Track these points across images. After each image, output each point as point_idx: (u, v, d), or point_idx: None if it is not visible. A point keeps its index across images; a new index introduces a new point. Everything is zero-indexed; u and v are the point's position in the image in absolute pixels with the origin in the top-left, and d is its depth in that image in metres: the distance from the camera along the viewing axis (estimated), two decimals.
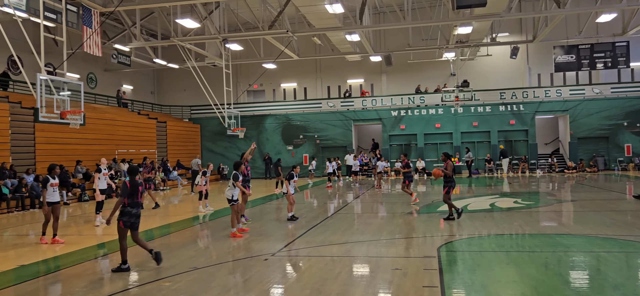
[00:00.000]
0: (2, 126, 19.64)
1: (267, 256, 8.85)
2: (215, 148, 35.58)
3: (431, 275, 7.19)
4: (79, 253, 9.69)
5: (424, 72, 34.42)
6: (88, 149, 23.79)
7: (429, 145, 32.77)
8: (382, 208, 15.96)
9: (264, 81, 36.13)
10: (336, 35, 26.50)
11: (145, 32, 28.32)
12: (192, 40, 25.32)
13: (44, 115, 12.99)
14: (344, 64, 34.91)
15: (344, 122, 33.85)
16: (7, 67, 25.05)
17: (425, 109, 32.93)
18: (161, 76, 38.87)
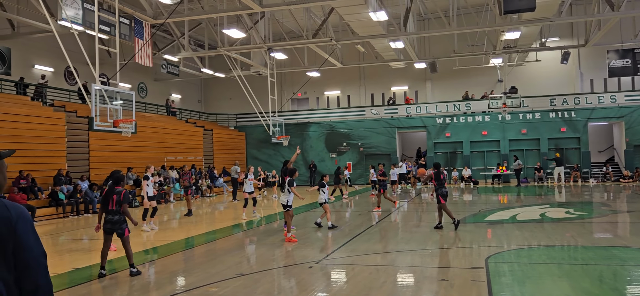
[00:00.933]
0: (59, 134, 20.56)
1: (311, 264, 8.87)
2: (260, 155, 36.04)
3: (479, 287, 7.01)
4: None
5: (470, 79, 33.80)
6: (138, 156, 24.58)
7: (475, 153, 32.10)
8: (427, 217, 15.72)
9: (308, 89, 36.39)
10: (380, 43, 26.42)
11: (193, 42, 29.10)
12: (238, 50, 25.81)
13: (98, 123, 13.51)
14: (387, 71, 34.74)
15: (388, 129, 33.63)
16: (64, 78, 26.25)
17: (472, 116, 32.29)
18: (208, 85, 39.78)
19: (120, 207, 8.32)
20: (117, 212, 8.31)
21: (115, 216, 8.32)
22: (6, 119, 18.27)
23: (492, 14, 24.79)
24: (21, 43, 23.27)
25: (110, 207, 8.31)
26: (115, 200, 8.31)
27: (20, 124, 18.71)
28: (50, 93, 23.39)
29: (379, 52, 29.11)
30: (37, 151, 19.23)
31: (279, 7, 20.54)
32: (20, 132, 18.58)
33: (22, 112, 19.34)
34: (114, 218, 8.32)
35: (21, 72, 23.28)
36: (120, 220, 8.34)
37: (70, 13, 16.26)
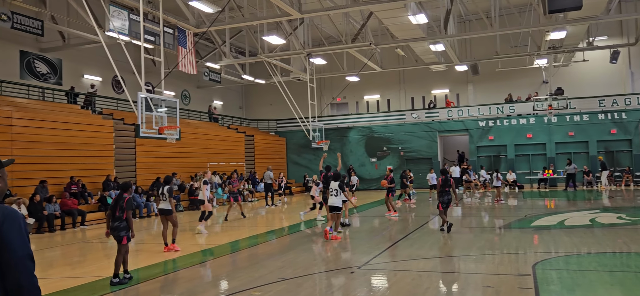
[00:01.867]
0: (108, 141, 21.29)
1: (353, 269, 8.84)
2: (300, 160, 36.24)
3: (526, 294, 6.83)
4: (174, 262, 10.21)
5: (513, 81, 32.98)
6: (182, 162, 25.16)
7: (520, 157, 31.28)
8: (472, 222, 15.42)
9: (347, 94, 36.36)
10: (420, 46, 26.15)
11: (234, 50, 29.59)
12: (277, 56, 26.09)
13: (144, 130, 13.90)
14: (428, 74, 34.32)
15: (429, 133, 33.21)
16: (112, 87, 27.18)
17: (516, 119, 31.50)
18: (249, 91, 40.35)
19: (123, 213, 8.45)
20: (120, 218, 8.45)
21: (115, 222, 8.46)
22: (58, 127, 19.06)
23: (536, 14, 24.13)
24: (71, 54, 24.24)
25: (117, 213, 8.48)
26: (119, 206, 8.47)
27: (71, 132, 19.48)
28: (99, 101, 24.27)
29: (418, 55, 28.81)
30: (87, 158, 19.95)
31: (318, 12, 20.64)
32: (71, 139, 19.34)
33: (72, 120, 20.13)
34: (114, 225, 8.47)
35: (72, 81, 24.25)
36: (120, 227, 8.44)
37: (117, 24, 16.82)
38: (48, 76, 23.05)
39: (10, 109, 17.95)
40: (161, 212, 11.75)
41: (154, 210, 20.52)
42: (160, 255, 11.07)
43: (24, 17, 18.10)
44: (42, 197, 16.29)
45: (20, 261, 2.37)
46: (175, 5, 19.85)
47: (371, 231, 14.10)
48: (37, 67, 22.57)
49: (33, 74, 22.23)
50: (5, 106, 18.26)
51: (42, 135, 18.24)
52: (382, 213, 18.53)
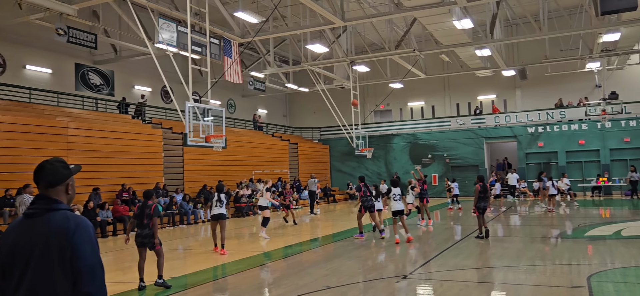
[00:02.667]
0: (157, 150, 21.93)
1: (398, 278, 8.74)
2: (343, 168, 36.20)
3: None
4: (221, 268, 10.37)
5: (564, 85, 31.89)
6: (228, 170, 25.61)
7: (571, 164, 30.15)
8: (521, 231, 14.97)
9: (391, 101, 36.09)
10: (465, 51, 25.71)
11: (278, 59, 29.95)
12: (321, 64, 26.22)
13: (192, 139, 14.23)
14: (473, 80, 33.64)
15: (475, 139, 32.52)
16: (160, 97, 28.02)
17: (567, 125, 30.41)
18: (292, 99, 40.71)
19: (150, 220, 8.52)
20: (147, 225, 8.53)
21: (144, 230, 8.54)
22: (111, 136, 19.79)
23: (588, 16, 23.26)
24: (123, 66, 25.17)
25: (144, 221, 8.55)
26: (146, 214, 8.53)
27: (122, 141, 20.20)
28: (149, 111, 25.06)
29: (464, 61, 28.32)
30: (137, 166, 20.61)
31: (361, 20, 20.64)
32: (123, 148, 20.04)
33: (124, 129, 20.87)
34: (144, 232, 8.54)
35: (123, 92, 25.16)
36: (151, 234, 8.53)
37: (165, 36, 17.35)
38: (101, 87, 24.01)
39: (66, 119, 18.78)
40: (217, 217, 12.14)
41: (201, 217, 20.95)
42: (206, 261, 11.27)
43: (78, 31, 18.92)
44: (95, 203, 16.93)
45: (90, 270, 2.45)
46: (221, 17, 20.29)
47: (416, 240, 13.90)
48: (91, 79, 23.55)
49: (87, 85, 23.21)
50: (61, 117, 19.12)
51: (96, 144, 18.98)
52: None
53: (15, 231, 2.51)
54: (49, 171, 2.57)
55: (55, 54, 21.99)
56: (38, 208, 2.52)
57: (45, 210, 2.50)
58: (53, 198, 2.54)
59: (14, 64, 20.71)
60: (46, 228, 2.44)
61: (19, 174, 15.68)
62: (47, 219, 2.47)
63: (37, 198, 2.55)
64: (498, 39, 23.63)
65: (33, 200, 2.56)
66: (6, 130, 16.29)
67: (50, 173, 2.57)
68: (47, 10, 15.84)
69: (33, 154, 16.84)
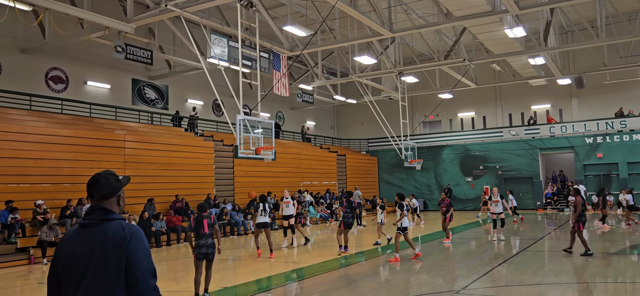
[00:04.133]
0: (208, 162, 22.46)
1: (451, 293, 8.54)
2: (392, 179, 35.85)
3: None
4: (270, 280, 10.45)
5: (624, 93, 30.42)
6: (277, 181, 25.86)
7: (633, 176, 28.65)
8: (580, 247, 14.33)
9: (440, 111, 35.52)
10: (517, 60, 25.04)
11: (326, 71, 30.16)
12: (368, 76, 26.18)
13: (242, 151, 14.50)
14: (526, 89, 32.65)
15: (529, 150, 31.49)
16: (212, 110, 28.73)
17: (629, 135, 28.98)
18: (340, 111, 40.78)
19: (212, 229, 8.46)
20: (210, 235, 8.40)
21: (208, 240, 8.36)
22: (165, 148, 20.43)
23: None
24: (176, 80, 26.00)
25: (204, 230, 8.38)
26: (207, 224, 8.41)
27: (176, 153, 20.81)
28: (201, 124, 25.73)
29: (516, 70, 27.58)
30: (189, 177, 21.16)
31: (409, 31, 20.49)
32: (176, 160, 20.63)
33: (177, 142, 21.50)
34: (208, 242, 8.34)
35: (176, 106, 25.96)
36: (213, 244, 8.41)
37: (217, 51, 17.81)
38: (156, 101, 24.87)
39: (123, 133, 19.55)
40: (261, 225, 12.85)
41: (251, 228, 21.26)
42: (256, 272, 11.40)
43: (135, 48, 19.71)
44: (150, 214, 17.47)
45: (143, 276, 2.59)
46: (270, 31, 20.65)
47: (468, 254, 13.57)
48: (147, 93, 24.43)
49: (143, 99, 24.10)
50: (119, 130, 19.92)
51: (150, 156, 19.64)
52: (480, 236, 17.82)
53: (73, 240, 2.65)
54: (103, 184, 2.73)
55: (114, 71, 22.98)
56: (94, 218, 2.66)
57: (100, 220, 2.64)
58: (108, 208, 2.69)
59: (75, 80, 21.78)
60: (103, 237, 2.59)
61: (79, 185, 16.41)
62: (104, 228, 2.61)
63: (92, 208, 2.69)
64: (552, 46, 22.90)
65: (88, 211, 2.71)
66: (68, 142, 17.12)
67: (104, 186, 2.73)
68: (107, 29, 16.60)
69: (93, 166, 17.59)
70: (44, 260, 13.76)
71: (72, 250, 2.61)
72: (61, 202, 15.89)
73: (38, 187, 15.96)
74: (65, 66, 21.34)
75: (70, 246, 2.63)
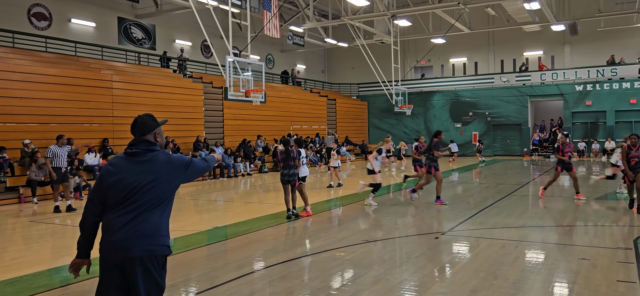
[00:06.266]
0: (197, 104, 22.26)
1: (437, 234, 8.70)
2: (381, 125, 35.93)
3: (627, 269, 6.37)
4: (259, 221, 10.58)
5: (617, 41, 30.33)
6: (266, 125, 25.82)
7: (620, 124, 28.95)
8: (563, 192, 14.60)
9: (432, 57, 35.26)
10: (512, 5, 24.69)
11: (317, 13, 29.56)
12: (361, 18, 25.73)
13: (232, 93, 14.36)
14: (520, 35, 32.40)
15: (519, 98, 31.57)
16: (201, 51, 28.24)
17: (618, 83, 29.08)
18: (331, 55, 40.33)
19: (295, 161, 10.23)
20: (293, 166, 10.22)
21: (290, 170, 10.21)
22: (153, 90, 20.18)
23: None
24: (163, 20, 25.39)
25: (289, 162, 10.20)
26: (291, 157, 10.21)
27: (164, 94, 20.56)
28: (189, 65, 25.34)
29: (511, 15, 27.24)
30: (179, 119, 21.01)
31: None
32: (165, 101, 20.42)
33: (166, 83, 21.21)
34: (290, 172, 10.21)
35: (164, 46, 25.46)
36: (295, 173, 10.26)
37: None
38: (143, 41, 24.34)
39: (110, 73, 19.22)
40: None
41: (241, 170, 21.34)
42: (247, 213, 11.51)
43: None
44: None
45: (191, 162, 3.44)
46: None
47: (455, 198, 13.77)
48: (133, 33, 23.88)
49: (129, 39, 23.57)
50: (106, 70, 19.57)
51: (139, 98, 19.40)
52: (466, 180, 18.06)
53: (120, 166, 3.23)
54: (139, 123, 3.37)
55: (99, 8, 22.35)
56: (140, 148, 3.28)
57: (145, 150, 3.27)
58: (150, 141, 3.33)
59: (59, 17, 21.19)
60: (152, 162, 3.23)
61: (67, 126, 16.24)
62: (151, 156, 3.25)
63: (135, 141, 3.31)
64: None
65: (134, 142, 3.31)
66: (55, 82, 16.81)
67: (141, 125, 3.36)
68: None
69: (80, 106, 17.39)
70: (35, 199, 13.78)
71: (121, 175, 3.17)
72: (49, 141, 15.73)
73: (25, 126, 15.78)
74: (48, 2, 20.71)
75: (119, 171, 3.19)
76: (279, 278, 6.31)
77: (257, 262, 7.27)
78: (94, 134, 17.62)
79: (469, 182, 18.29)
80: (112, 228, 3.10)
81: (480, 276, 6.17)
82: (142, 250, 3.08)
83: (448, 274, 6.41)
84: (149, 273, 3.11)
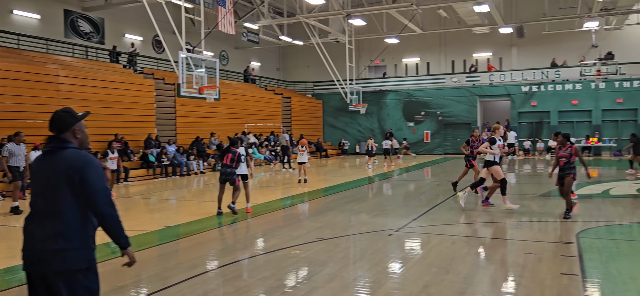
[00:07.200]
0: (149, 100, 21.70)
1: (391, 231, 8.83)
2: (336, 123, 36.16)
3: (570, 262, 6.66)
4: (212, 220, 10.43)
5: (560, 44, 31.67)
6: (220, 122, 25.47)
7: (563, 124, 30.27)
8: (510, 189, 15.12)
9: (386, 56, 35.74)
10: (463, 7, 25.35)
11: (272, 10, 29.39)
12: (316, 17, 25.78)
13: (185, 90, 14.09)
14: (470, 37, 33.32)
15: (469, 97, 32.47)
16: (152, 46, 27.54)
17: (561, 84, 30.38)
18: (286, 53, 40.21)
19: (233, 162, 10.23)
20: (230, 166, 10.24)
21: (227, 169, 10.24)
22: (102, 85, 19.51)
23: None
24: (113, 13, 24.59)
25: (225, 161, 10.27)
26: (230, 158, 10.22)
27: (114, 90, 19.93)
28: (140, 61, 24.65)
29: (461, 17, 27.97)
30: (129, 116, 20.43)
31: None
32: (114, 97, 19.79)
33: (115, 79, 20.56)
34: (227, 171, 10.23)
35: (113, 41, 24.68)
36: (233, 172, 10.27)
37: None
38: (91, 35, 23.54)
39: (56, 67, 18.45)
40: None
41: (194, 169, 20.96)
42: (201, 212, 11.32)
43: None
44: None
45: (98, 193, 3.11)
46: None
47: (407, 196, 14.02)
48: (81, 26, 23.05)
49: (76, 33, 22.73)
50: (51, 64, 18.78)
51: (87, 93, 18.71)
52: (418, 178, 18.43)
53: (38, 162, 3.25)
54: (56, 120, 3.25)
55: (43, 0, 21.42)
56: (52, 146, 3.21)
57: (57, 148, 3.18)
58: (63, 138, 3.21)
59: (0, 8, 20.18)
60: (60, 159, 3.13)
61: (9, 122, 15.50)
62: (61, 154, 3.15)
63: (50, 139, 3.23)
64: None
65: (48, 140, 3.24)
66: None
67: (57, 122, 3.24)
68: None
69: (24, 102, 16.63)
70: None
71: (37, 169, 3.23)
72: None
73: None
74: None
75: (36, 166, 3.25)
76: (234, 277, 6.24)
77: (211, 261, 7.16)
78: (38, 131, 16.86)
79: (420, 179, 18.66)
80: (33, 236, 3.09)
81: (432, 271, 6.30)
82: (53, 260, 3.01)
83: (401, 270, 6.52)
84: (69, 283, 3.05)
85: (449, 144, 33.17)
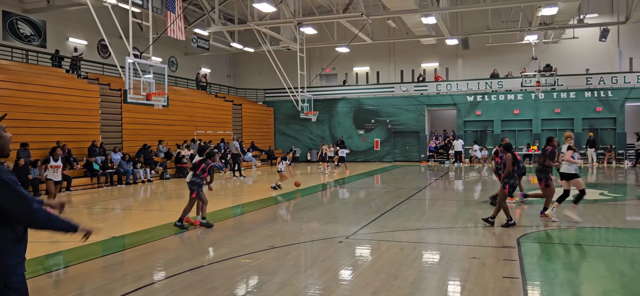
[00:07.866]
0: (93, 106, 20.98)
1: (341, 239, 8.91)
2: (288, 131, 36.16)
3: (512, 266, 6.94)
4: (160, 230, 10.21)
5: (503, 56, 33.01)
6: (169, 129, 24.95)
7: (506, 132, 31.48)
8: (456, 196, 15.59)
9: (337, 65, 36.14)
10: (411, 18, 25.98)
11: (223, 16, 29.12)
12: (267, 24, 25.75)
13: (132, 96, 13.74)
14: (418, 47, 34.19)
15: (417, 106, 33.25)
16: (97, 51, 26.69)
17: (504, 94, 31.63)
18: (237, 60, 39.91)
19: (204, 173, 9.94)
20: (200, 176, 9.92)
21: (198, 179, 9.88)
22: (43, 91, 18.72)
23: None
24: (56, 16, 23.69)
25: (198, 172, 9.90)
26: (202, 169, 9.89)
27: (56, 96, 19.16)
28: (84, 66, 23.82)
29: (410, 28, 28.65)
30: (72, 123, 19.68)
31: None
32: (57, 103, 19.03)
33: (57, 84, 19.78)
34: (197, 181, 9.86)
35: (56, 44, 23.75)
36: (195, 182, 9.84)
37: None
38: (32, 38, 22.58)
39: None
40: None
41: (141, 177, 20.43)
42: (147, 221, 11.04)
43: None
44: (26, 161, 16.06)
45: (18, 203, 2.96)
46: None
47: (358, 203, 14.20)
48: (21, 29, 22.08)
49: (16, 35, 21.75)
50: None
51: (26, 99, 17.92)
52: (368, 185, 18.68)
53: None
54: None
55: None
56: None
57: None
58: None
59: None
60: None
61: None
62: None
63: None
64: (444, 7, 24.01)
65: None
66: None
67: None
68: None
69: None
70: None
71: None
72: None
73: None
74: None
75: None
76: (182, 287, 6.13)
77: (158, 272, 7.00)
78: None
79: (370, 186, 18.93)
80: None
81: (381, 277, 6.41)
82: None
83: (351, 277, 6.59)
84: None
85: (398, 152, 33.80)
